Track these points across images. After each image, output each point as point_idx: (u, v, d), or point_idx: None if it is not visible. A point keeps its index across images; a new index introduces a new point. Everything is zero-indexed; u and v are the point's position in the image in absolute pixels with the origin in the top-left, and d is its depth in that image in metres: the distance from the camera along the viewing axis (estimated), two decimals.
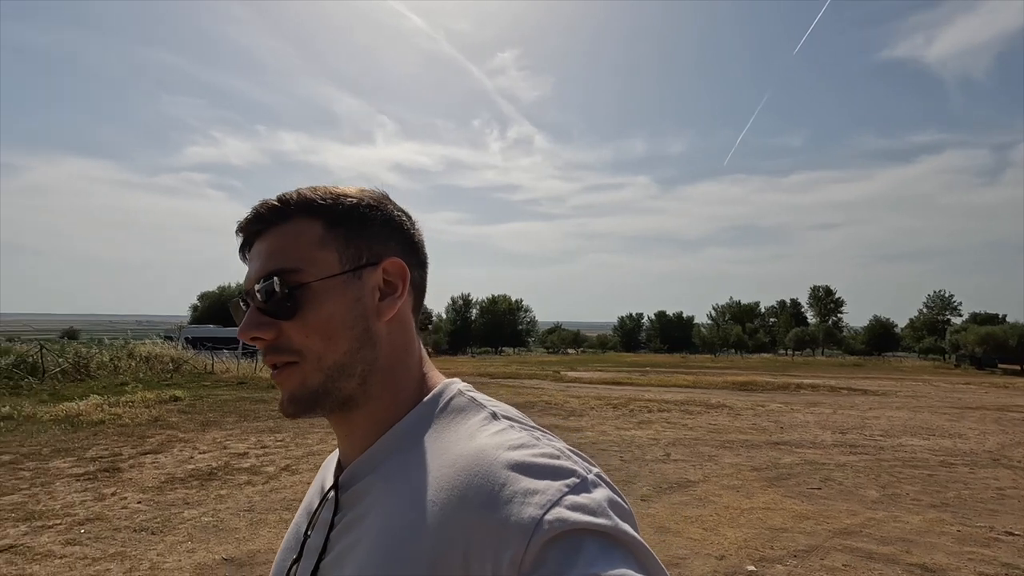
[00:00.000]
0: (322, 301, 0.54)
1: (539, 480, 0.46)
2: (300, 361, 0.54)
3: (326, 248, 0.56)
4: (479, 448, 0.50)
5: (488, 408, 0.56)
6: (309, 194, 0.57)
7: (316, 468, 6.50)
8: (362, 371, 0.55)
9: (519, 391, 15.99)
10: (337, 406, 0.56)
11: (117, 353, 15.77)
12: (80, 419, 9.04)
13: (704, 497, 5.61)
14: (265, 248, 0.56)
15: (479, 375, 23.22)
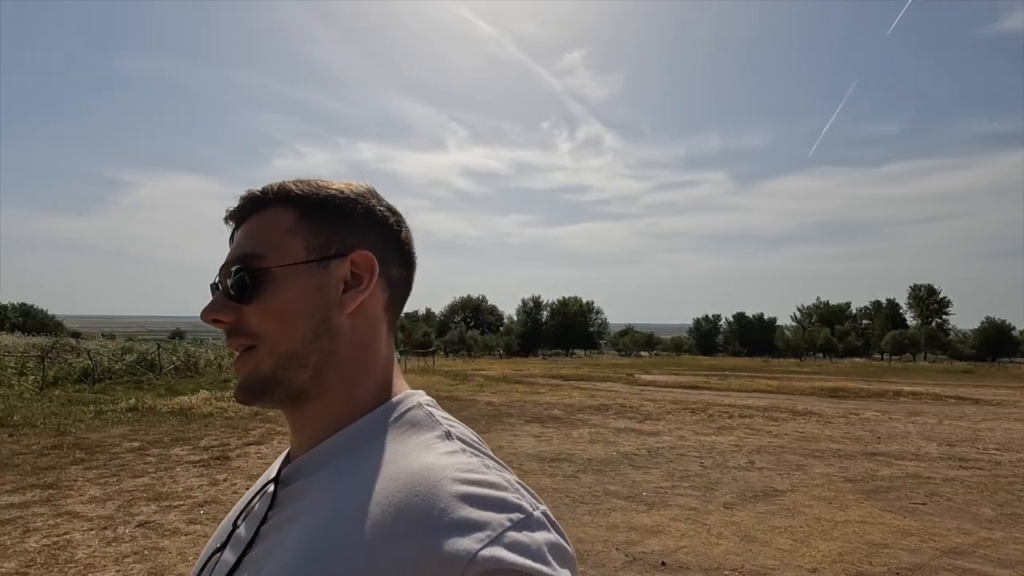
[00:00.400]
0: (282, 287, 0.54)
1: (481, 511, 0.44)
2: (256, 345, 0.54)
3: (295, 236, 0.56)
4: (425, 467, 0.48)
5: (443, 426, 0.54)
6: (288, 184, 0.58)
7: None
8: (316, 362, 0.54)
9: (592, 394, 15.89)
10: (288, 397, 0.55)
11: (220, 352, 17.24)
12: (192, 412, 9.99)
13: (793, 507, 5.38)
14: (240, 235, 0.58)
15: (551, 377, 23.26)
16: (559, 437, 8.77)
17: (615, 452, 7.73)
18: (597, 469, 6.73)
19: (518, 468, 6.63)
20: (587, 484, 6.03)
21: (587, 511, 5.12)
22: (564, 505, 5.26)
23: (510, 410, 11.75)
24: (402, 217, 0.62)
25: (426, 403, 0.58)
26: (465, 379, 19.24)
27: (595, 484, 6.05)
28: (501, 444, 8.06)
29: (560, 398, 14.29)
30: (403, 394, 0.58)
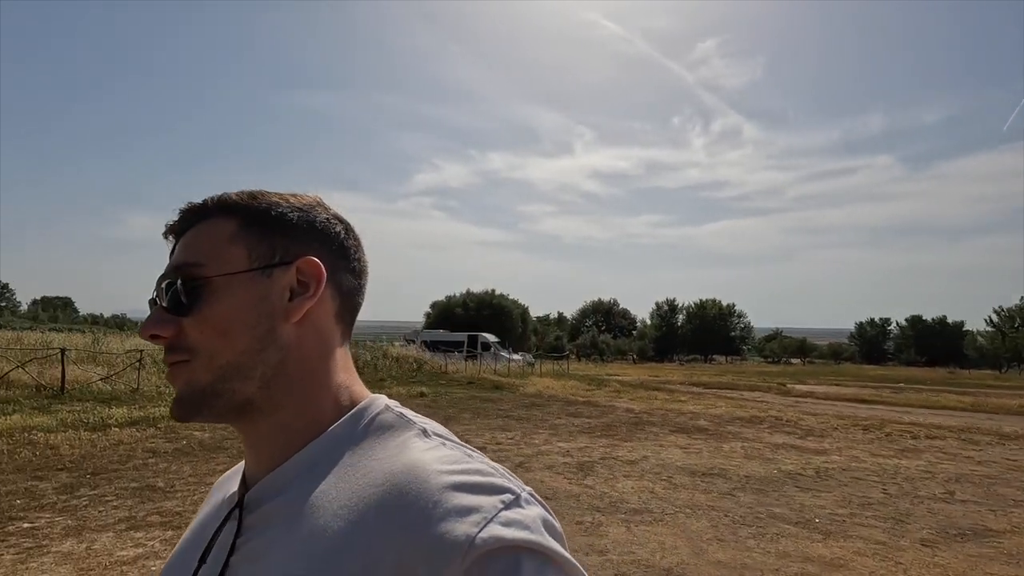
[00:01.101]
0: (221, 297, 0.51)
1: (473, 497, 0.45)
2: (191, 359, 0.51)
3: (235, 244, 0.53)
4: (410, 465, 0.48)
5: (418, 424, 0.54)
6: (229, 194, 0.56)
7: (546, 467, 6.93)
8: (263, 374, 0.51)
9: (740, 403, 14.80)
10: (232, 411, 0.52)
11: (376, 354, 18.92)
12: None
13: (1018, 553, 4.48)
14: (180, 246, 0.55)
15: (691, 384, 22.11)
16: (709, 450, 8.26)
17: (775, 470, 7.08)
18: (757, 488, 6.21)
19: (667, 481, 6.36)
20: (747, 504, 5.58)
21: (751, 534, 4.73)
22: (723, 525, 4.92)
23: (651, 418, 11.35)
24: (350, 225, 0.59)
25: (393, 405, 0.56)
26: (601, 384, 19.01)
27: (756, 505, 5.58)
28: (646, 454, 7.80)
29: (704, 407, 13.49)
30: (367, 400, 0.56)
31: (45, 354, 12.06)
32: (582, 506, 5.33)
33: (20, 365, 11.07)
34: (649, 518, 5.03)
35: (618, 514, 5.11)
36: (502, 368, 22.28)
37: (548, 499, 5.48)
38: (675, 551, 4.27)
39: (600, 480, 6.30)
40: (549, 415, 11.34)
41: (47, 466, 6.07)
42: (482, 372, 19.85)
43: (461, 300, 52.13)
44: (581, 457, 7.46)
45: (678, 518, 5.06)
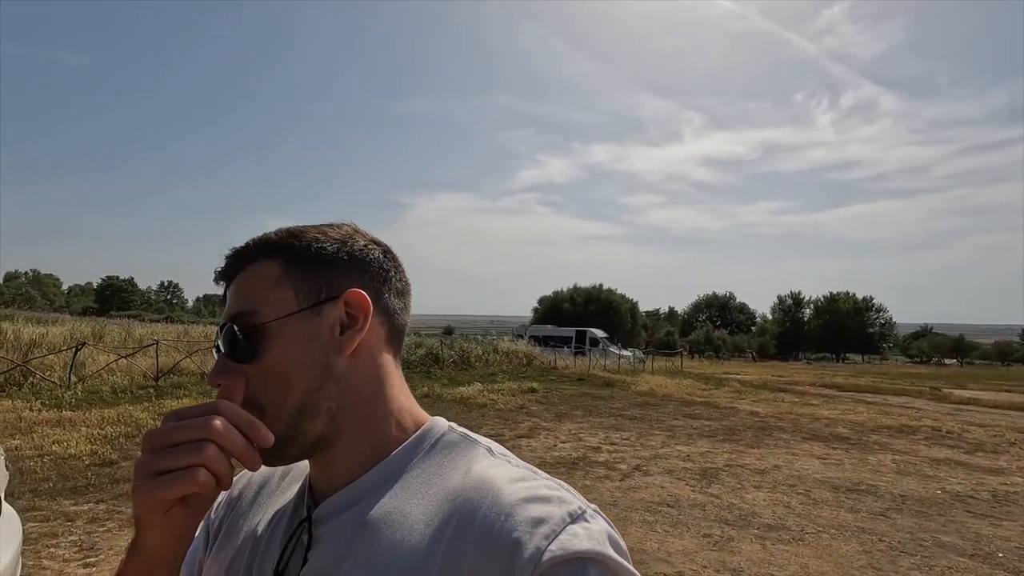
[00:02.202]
0: (278, 342, 0.53)
1: (542, 511, 0.48)
2: (260, 411, 0.52)
3: (282, 287, 0.54)
4: (481, 481, 0.51)
5: (483, 444, 0.57)
6: (268, 235, 0.57)
7: (665, 472, 6.62)
8: (328, 408, 0.54)
9: (884, 409, 13.18)
10: (308, 449, 0.54)
11: (487, 348, 19.40)
12: (470, 401, 11.37)
13: None
14: (231, 293, 0.56)
15: (821, 385, 20.13)
16: (851, 462, 7.41)
17: (939, 490, 6.17)
18: (916, 510, 5.43)
19: (804, 495, 5.77)
20: (905, 528, 4.90)
21: (913, 565, 4.13)
22: (879, 552, 4.34)
23: (780, 423, 10.45)
24: (388, 247, 0.61)
25: (455, 426, 0.59)
26: (720, 384, 17.92)
27: (917, 529, 4.87)
28: (777, 463, 7.17)
29: (841, 413, 12.18)
30: (429, 422, 0.59)
31: (208, 345, 13.78)
32: (708, 517, 4.99)
33: (188, 355, 12.76)
34: (787, 536, 4.58)
35: (750, 529, 4.72)
36: (612, 364, 21.83)
37: (670, 507, 5.23)
38: None
39: (726, 489, 5.88)
40: (664, 415, 10.87)
41: None
42: (592, 368, 19.58)
43: (568, 295, 52.03)
44: (703, 463, 7.03)
45: (822, 538, 4.56)
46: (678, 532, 4.60)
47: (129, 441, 6.89)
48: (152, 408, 8.71)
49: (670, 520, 4.88)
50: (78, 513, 4.50)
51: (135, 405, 8.92)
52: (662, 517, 4.95)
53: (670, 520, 4.88)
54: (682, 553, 4.17)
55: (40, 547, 3.80)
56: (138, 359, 12.14)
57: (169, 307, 79.41)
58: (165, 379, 11.35)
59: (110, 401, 9.23)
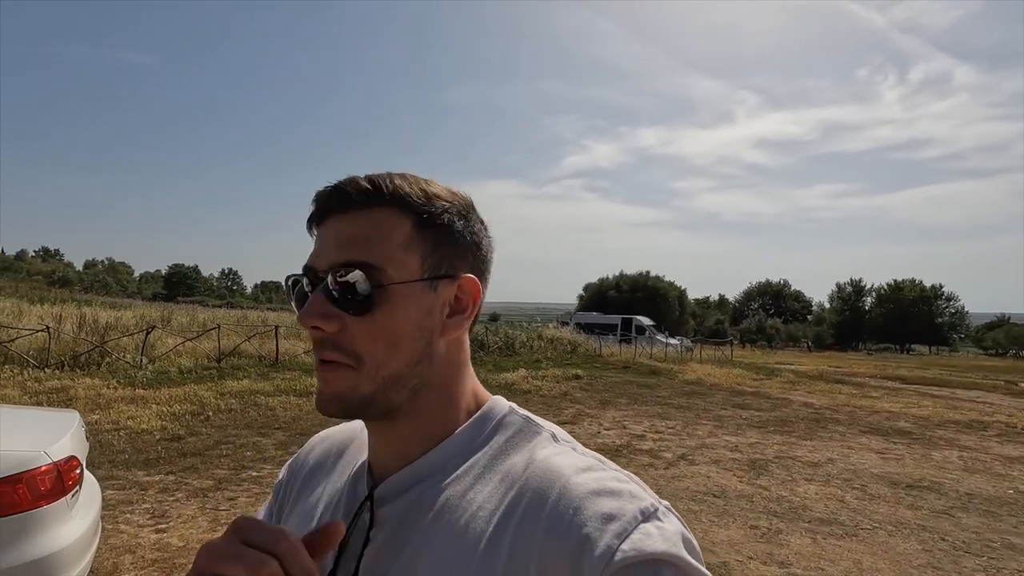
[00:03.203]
0: (397, 306, 0.50)
1: (613, 506, 0.45)
2: (355, 366, 0.50)
3: (411, 251, 0.51)
4: (547, 469, 0.49)
5: (546, 429, 0.55)
6: (404, 187, 0.52)
7: (712, 462, 6.49)
8: (415, 385, 0.52)
9: (952, 404, 12.45)
10: (381, 415, 0.52)
11: (531, 335, 19.47)
12: (514, 387, 11.46)
13: None
14: (347, 232, 0.51)
15: (884, 377, 19.19)
16: (913, 458, 7.06)
17: (1011, 490, 5.80)
18: (984, 509, 5.13)
19: (860, 490, 5.55)
20: (971, 528, 4.64)
21: (978, 566, 3.92)
22: (940, 551, 4.14)
23: (836, 416, 10.05)
24: (490, 233, 0.58)
25: (516, 408, 0.57)
26: (771, 374, 17.36)
27: (984, 530, 4.61)
28: (831, 456, 6.91)
29: (904, 406, 11.59)
30: (490, 402, 0.57)
31: (264, 330, 14.44)
32: (756, 508, 4.88)
33: (247, 339, 13.41)
34: (840, 531, 4.43)
35: (800, 522, 4.59)
36: (658, 352, 21.50)
37: (716, 497, 5.14)
38: (877, 574, 3.70)
39: (776, 481, 5.72)
40: (712, 405, 10.64)
41: (268, 425, 7.25)
42: (638, 356, 19.34)
43: (614, 282, 51.39)
44: (752, 454, 6.86)
45: (878, 535, 4.38)
46: (724, 523, 4.52)
47: (194, 418, 7.33)
48: (214, 388, 9.23)
49: (716, 510, 4.80)
50: (150, 483, 4.85)
51: (199, 385, 9.47)
52: (707, 507, 4.87)
53: (716, 510, 4.80)
54: (728, 544, 4.10)
55: (117, 513, 4.13)
56: (202, 342, 12.85)
57: (230, 293, 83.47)
58: (226, 361, 11.98)
59: (177, 381, 9.84)
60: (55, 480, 2.28)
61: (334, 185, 0.53)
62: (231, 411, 7.86)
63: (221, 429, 6.88)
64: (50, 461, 2.28)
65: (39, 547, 2.17)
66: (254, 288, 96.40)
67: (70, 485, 2.37)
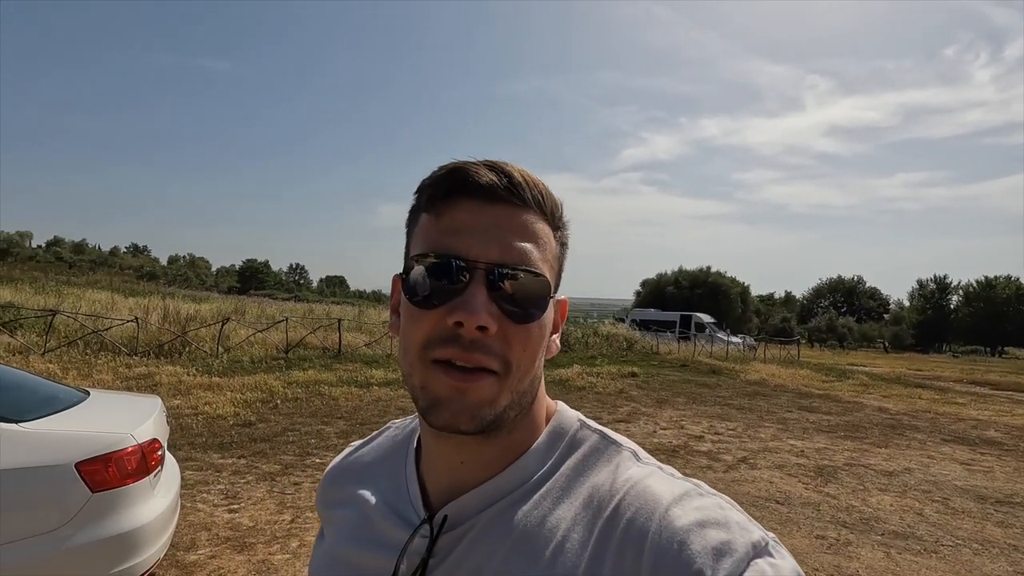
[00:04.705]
0: (545, 320, 0.49)
1: (721, 539, 0.42)
2: (502, 374, 0.46)
3: (551, 263, 0.50)
4: (640, 496, 0.46)
5: (625, 447, 0.52)
6: (546, 191, 0.50)
7: (775, 466, 6.22)
8: (527, 402, 0.50)
9: None
10: (491, 432, 0.48)
11: (587, 331, 19.31)
12: (569, 383, 11.40)
13: None
14: (513, 228, 0.47)
15: (971, 382, 17.75)
16: (1004, 470, 6.49)
17: None
18: None
19: (941, 503, 5.16)
20: None
21: None
22: None
23: (915, 422, 9.38)
24: None
25: (587, 421, 0.54)
26: (843, 375, 16.41)
27: None
28: (908, 465, 6.46)
29: (994, 414, 10.67)
30: (557, 414, 0.54)
31: (327, 323, 15.07)
32: (823, 517, 4.64)
33: (312, 331, 14.03)
34: (917, 546, 4.14)
35: (872, 535, 4.32)
36: (719, 351, 20.78)
37: (779, 504, 4.93)
38: None
39: (846, 490, 5.41)
40: (776, 407, 10.19)
41: (330, 413, 7.56)
42: (697, 354, 18.78)
43: (673, 278, 50.07)
44: (819, 459, 6.52)
45: (961, 553, 4.06)
46: (787, 531, 4.32)
47: (264, 406, 7.76)
48: (282, 377, 9.72)
49: (779, 517, 4.60)
50: (224, 465, 5.18)
51: (269, 374, 10.01)
52: (769, 513, 4.67)
53: (779, 517, 4.60)
54: (792, 553, 3.90)
55: (195, 492, 4.43)
56: (271, 333, 13.56)
57: (297, 287, 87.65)
58: (293, 352, 12.60)
59: (249, 370, 10.44)
60: (140, 460, 2.47)
61: (494, 167, 0.47)
62: (297, 400, 8.26)
63: (288, 417, 7.24)
64: (135, 443, 2.47)
65: (126, 521, 2.36)
66: (319, 282, 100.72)
67: (153, 465, 2.56)
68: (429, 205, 0.48)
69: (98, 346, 10.93)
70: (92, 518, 2.27)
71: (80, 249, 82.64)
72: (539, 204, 0.49)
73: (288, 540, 3.69)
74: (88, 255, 79.51)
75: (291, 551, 3.54)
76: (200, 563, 3.33)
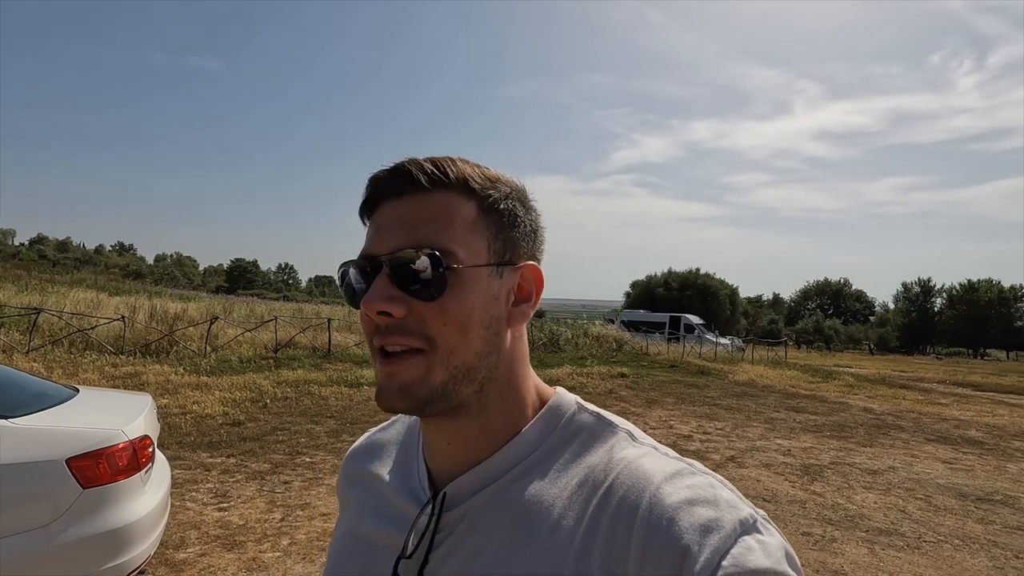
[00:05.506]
0: (466, 291, 0.48)
1: (709, 516, 0.42)
2: (428, 350, 0.47)
3: (477, 234, 0.49)
4: (633, 475, 0.46)
5: (621, 428, 0.52)
6: (467, 170, 0.50)
7: (763, 465, 6.30)
8: (483, 378, 0.49)
9: None
10: (447, 411, 0.49)
11: (577, 332, 19.36)
12: (558, 383, 11.22)
13: None
14: (410, 214, 0.48)
15: (954, 383, 18.04)
16: (984, 469, 6.62)
17: None
18: None
19: (924, 500, 5.26)
20: None
21: None
22: (1013, 569, 3.88)
23: (899, 422, 9.53)
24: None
25: (585, 404, 0.55)
26: (829, 376, 16.62)
27: None
28: (892, 464, 6.57)
29: (976, 414, 10.87)
30: (555, 397, 0.54)
31: (317, 322, 15.00)
32: (809, 515, 4.71)
33: (301, 331, 13.96)
34: (900, 542, 4.22)
35: (857, 531, 4.39)
36: (708, 352, 20.96)
37: (767, 501, 4.99)
38: None
39: (831, 488, 5.50)
40: (764, 407, 10.30)
41: (320, 413, 7.54)
42: (686, 355, 18.92)
43: (662, 279, 50.38)
44: (806, 458, 6.61)
45: (943, 549, 4.15)
46: None
47: (253, 405, 7.71)
48: (271, 377, 9.67)
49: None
50: (213, 464, 5.15)
51: (258, 374, 9.94)
52: None
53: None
54: None
55: (184, 491, 4.41)
56: (260, 333, 13.47)
57: (286, 286, 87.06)
58: (283, 351, 12.52)
59: (238, 369, 10.36)
60: (131, 457, 2.46)
61: (393, 167, 0.50)
62: (286, 399, 8.22)
63: (277, 416, 7.21)
64: (127, 439, 2.47)
65: (117, 518, 2.36)
66: (308, 282, 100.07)
67: (144, 462, 2.56)
68: (362, 218, 0.53)
69: (84, 345, 10.79)
70: (83, 514, 2.26)
71: (64, 247, 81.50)
72: (440, 183, 0.49)
73: (279, 538, 3.68)
74: (72, 253, 78.38)
75: (282, 549, 3.54)
76: (190, 561, 3.32)
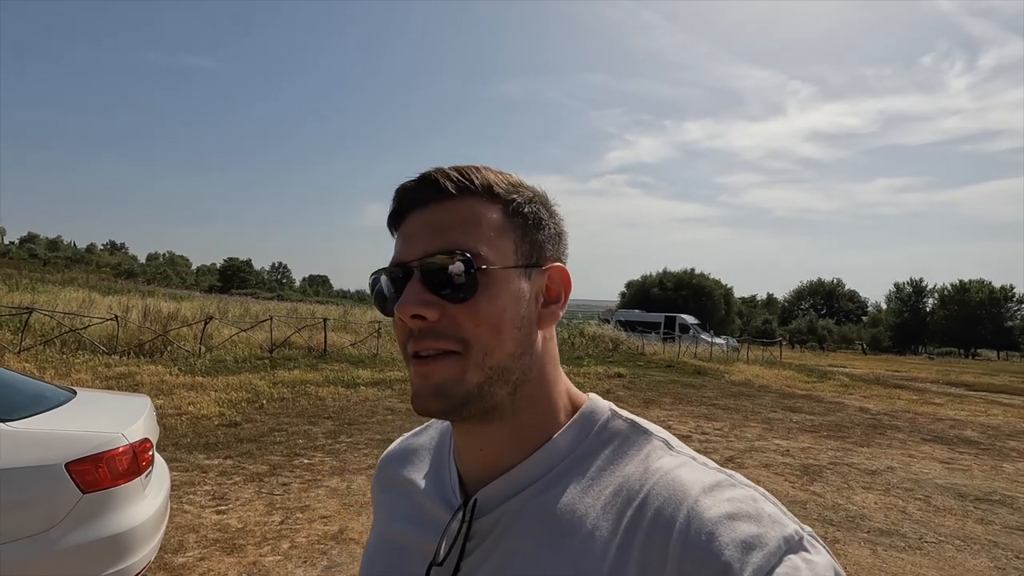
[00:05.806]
0: (497, 292, 0.48)
1: (752, 532, 0.40)
2: (462, 352, 0.47)
3: (504, 237, 0.50)
4: (670, 484, 0.45)
5: (656, 435, 0.51)
6: (491, 176, 0.51)
7: (762, 466, 6.30)
8: (516, 380, 0.50)
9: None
10: (481, 414, 0.49)
11: (573, 332, 19.37)
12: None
13: None
14: (438, 221, 0.49)
15: (947, 383, 18.17)
16: (982, 469, 6.65)
17: None
18: None
19: (923, 501, 5.27)
20: None
21: None
22: (1015, 569, 3.89)
23: (895, 422, 9.57)
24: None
25: (619, 410, 0.54)
26: (824, 376, 16.70)
27: None
28: (891, 464, 6.59)
29: (971, 414, 10.94)
30: (588, 403, 0.54)
31: (313, 322, 14.91)
32: (810, 516, 4.71)
33: (297, 331, 13.87)
34: (902, 543, 4.22)
35: (858, 532, 4.39)
36: (703, 352, 21.01)
37: None
38: None
39: (831, 488, 5.50)
40: (761, 407, 10.32)
41: (317, 414, 7.48)
42: (682, 355, 18.96)
43: (657, 279, 50.49)
44: (805, 459, 6.62)
45: (944, 550, 4.15)
46: None
47: (249, 406, 7.64)
48: (267, 377, 9.59)
49: None
50: (210, 466, 5.09)
51: (253, 374, 9.87)
52: None
53: None
54: None
55: (182, 493, 4.35)
56: (255, 333, 13.37)
57: (280, 286, 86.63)
58: (278, 351, 12.44)
59: (233, 369, 10.28)
60: (131, 461, 2.42)
61: (419, 177, 0.51)
62: (283, 400, 8.15)
63: (274, 417, 7.15)
64: (127, 443, 2.42)
65: (118, 523, 2.31)
66: (302, 282, 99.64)
67: (144, 466, 2.51)
68: (390, 229, 0.54)
69: (76, 345, 10.68)
70: (83, 519, 2.21)
71: (55, 246, 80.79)
72: (466, 189, 0.50)
73: (279, 541, 3.64)
74: (64, 252, 77.70)
75: (282, 552, 3.49)
76: (189, 565, 3.27)
